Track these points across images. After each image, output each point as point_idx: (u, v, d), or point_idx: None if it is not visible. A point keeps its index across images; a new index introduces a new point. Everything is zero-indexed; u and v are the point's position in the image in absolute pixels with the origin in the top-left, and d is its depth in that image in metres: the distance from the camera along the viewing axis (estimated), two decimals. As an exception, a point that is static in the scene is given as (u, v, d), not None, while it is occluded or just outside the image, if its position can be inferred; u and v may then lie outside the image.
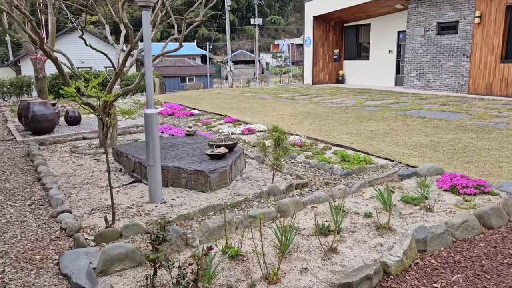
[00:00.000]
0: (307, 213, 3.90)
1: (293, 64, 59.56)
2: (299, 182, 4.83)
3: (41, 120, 8.40)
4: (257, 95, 15.76)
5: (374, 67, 17.86)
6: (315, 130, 8.12)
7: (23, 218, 4.20)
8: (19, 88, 19.01)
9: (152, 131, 4.27)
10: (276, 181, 5.02)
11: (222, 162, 5.02)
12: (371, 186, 4.58)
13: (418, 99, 12.13)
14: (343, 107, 11.25)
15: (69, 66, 7.32)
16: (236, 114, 10.71)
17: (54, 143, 7.78)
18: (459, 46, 13.54)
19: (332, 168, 5.40)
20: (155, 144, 4.30)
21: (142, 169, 5.28)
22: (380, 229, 3.42)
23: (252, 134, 8.21)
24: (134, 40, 6.17)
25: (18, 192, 5.04)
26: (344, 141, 7.05)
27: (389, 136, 7.30)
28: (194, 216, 4.03)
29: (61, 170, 5.90)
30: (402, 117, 9.12)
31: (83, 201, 4.62)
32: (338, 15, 17.94)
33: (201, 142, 6.13)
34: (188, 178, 4.84)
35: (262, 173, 5.42)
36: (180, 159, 5.23)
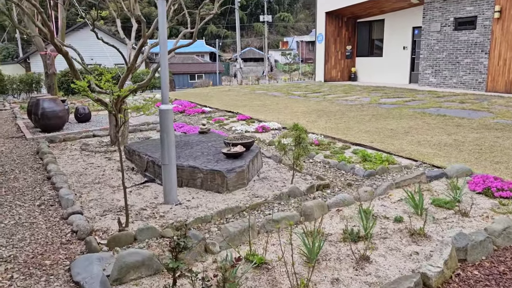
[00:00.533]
0: (332, 217, 3.65)
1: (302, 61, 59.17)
2: (320, 183, 4.59)
3: (51, 117, 8.23)
4: (269, 92, 15.50)
5: (387, 64, 17.50)
6: (332, 129, 7.86)
7: (33, 220, 4.01)
8: (28, 85, 18.96)
9: (167, 128, 4.05)
10: (295, 182, 4.78)
11: (239, 161, 4.79)
12: (398, 188, 4.32)
13: (435, 97, 11.79)
14: (358, 104, 10.95)
15: (79, 61, 7.14)
16: (249, 111, 10.47)
17: (64, 141, 7.61)
18: (477, 42, 13.15)
19: (354, 169, 5.15)
20: (170, 142, 4.08)
21: (155, 168, 5.07)
22: (414, 236, 3.16)
23: (267, 132, 7.97)
24: (147, 34, 5.95)
25: (28, 191, 4.86)
26: (362, 140, 6.78)
27: (410, 134, 7.02)
28: (212, 219, 3.81)
29: (71, 169, 5.71)
30: (421, 115, 8.82)
31: (95, 201, 4.42)
32: (351, 10, 17.60)
33: (216, 141, 5.91)
34: (203, 178, 4.62)
35: (280, 173, 5.18)
36: (195, 158, 5.01)
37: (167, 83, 4.05)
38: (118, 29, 7.87)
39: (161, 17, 3.91)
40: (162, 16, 3.91)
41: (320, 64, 19.10)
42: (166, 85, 4.04)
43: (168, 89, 4.06)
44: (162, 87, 4.04)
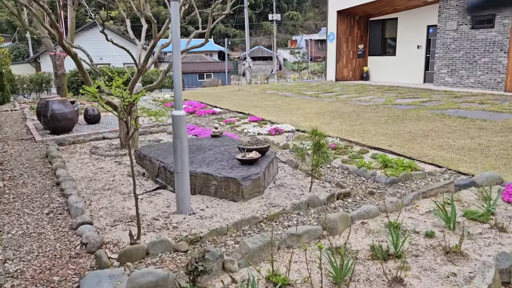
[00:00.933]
0: (357, 231, 3.41)
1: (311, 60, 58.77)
2: (341, 191, 4.35)
3: (60, 119, 8.09)
4: (279, 92, 15.26)
5: (401, 63, 17.14)
6: (347, 131, 7.60)
7: (41, 229, 3.83)
8: (38, 85, 18.93)
9: (180, 135, 3.84)
10: (314, 190, 4.55)
11: (254, 168, 4.57)
12: (425, 197, 4.06)
13: (452, 97, 11.45)
14: (372, 105, 10.67)
15: (88, 62, 6.97)
16: (260, 112, 10.25)
17: (74, 143, 7.46)
18: (495, 40, 12.77)
19: (375, 175, 4.90)
20: (183, 149, 3.87)
21: (167, 175, 4.87)
22: (450, 254, 2.91)
23: (280, 134, 7.74)
24: (158, 35, 5.76)
25: (36, 198, 4.69)
26: (381, 143, 6.52)
27: (430, 138, 6.74)
28: (228, 231, 3.59)
29: (81, 174, 5.54)
30: (439, 117, 8.52)
31: (105, 210, 4.23)
32: (363, 9, 17.27)
33: (229, 145, 5.69)
34: (217, 185, 4.41)
35: (297, 180, 4.95)
36: (208, 163, 4.80)
37: (180, 88, 3.84)
38: (127, 29, 7.70)
39: (174, 18, 3.70)
40: (175, 17, 3.70)
41: (332, 63, 18.79)
42: (179, 89, 3.83)
43: (181, 93, 3.85)
44: (175, 91, 3.83)
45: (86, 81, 6.09)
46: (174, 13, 3.69)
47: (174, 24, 3.71)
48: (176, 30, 3.72)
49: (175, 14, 3.69)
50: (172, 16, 3.70)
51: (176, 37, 3.73)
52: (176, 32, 3.72)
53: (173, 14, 3.69)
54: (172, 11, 3.69)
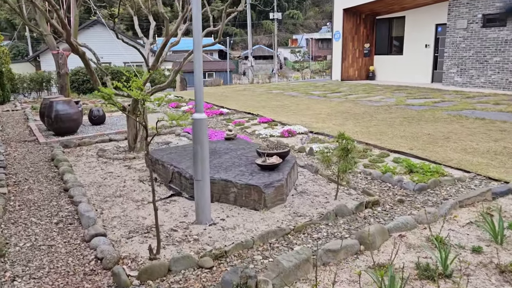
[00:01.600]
0: (396, 245, 3.15)
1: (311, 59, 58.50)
2: (369, 199, 4.08)
3: (65, 120, 7.81)
4: (285, 92, 14.99)
5: (408, 62, 16.87)
6: (363, 133, 7.34)
7: (50, 241, 3.56)
8: (39, 84, 18.62)
9: (201, 140, 3.57)
10: (339, 197, 4.28)
11: (276, 174, 4.31)
12: (461, 207, 3.80)
13: (465, 97, 11.19)
14: (384, 106, 10.41)
15: (95, 62, 6.71)
16: (269, 113, 9.97)
17: (79, 146, 7.18)
18: (507, 39, 12.51)
19: (401, 181, 4.63)
20: (204, 155, 3.60)
21: (182, 180, 4.60)
22: (506, 274, 2.65)
23: (293, 136, 7.47)
24: (171, 33, 5.49)
25: (43, 205, 4.42)
26: (401, 146, 6.25)
27: (452, 140, 6.48)
28: (254, 244, 3.32)
29: (89, 179, 5.27)
30: (457, 118, 8.25)
31: (118, 219, 3.96)
32: (370, 7, 16.99)
33: (245, 149, 5.42)
34: (238, 193, 4.14)
35: (320, 186, 4.68)
36: (226, 169, 4.53)
37: (202, 88, 3.57)
38: (135, 27, 7.43)
39: (196, 14, 3.42)
40: (196, 12, 3.42)
41: (337, 63, 18.52)
42: (200, 90, 3.56)
43: (202, 95, 3.59)
44: (197, 92, 3.56)
45: (94, 81, 5.83)
46: (195, 7, 3.41)
47: (196, 20, 3.43)
48: (198, 26, 3.44)
49: (197, 9, 3.42)
50: (194, 11, 3.42)
51: (197, 33, 3.46)
52: (198, 28, 3.45)
53: (194, 9, 3.42)
54: (194, 5, 3.41)
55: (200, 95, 3.57)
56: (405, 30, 17.00)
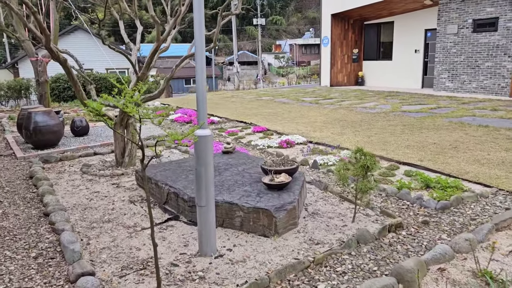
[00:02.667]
0: (437, 281, 2.72)
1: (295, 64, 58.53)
2: (392, 222, 3.66)
3: (45, 132, 7.21)
4: (275, 98, 14.59)
5: (397, 68, 16.71)
6: (365, 143, 6.96)
7: (28, 282, 3.02)
8: (17, 92, 17.76)
9: (206, 161, 3.10)
10: (356, 219, 3.85)
11: (286, 194, 3.85)
12: (497, 230, 3.41)
13: (460, 103, 10.98)
14: (380, 113, 10.09)
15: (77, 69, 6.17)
16: (262, 121, 9.54)
17: (61, 160, 6.59)
18: (499, 44, 12.40)
19: (421, 199, 4.23)
20: (209, 178, 3.12)
21: (179, 202, 4.11)
22: None
23: (292, 147, 7.04)
24: (162, 37, 5.00)
25: (20, 234, 3.86)
26: (409, 157, 5.88)
27: (461, 150, 6.14)
28: (271, 282, 2.85)
29: (73, 200, 4.71)
30: (459, 125, 7.96)
31: (108, 251, 3.44)
32: (359, 12, 16.79)
33: (246, 164, 4.96)
34: (244, 217, 3.67)
35: (332, 206, 4.25)
36: (229, 189, 4.06)
37: (205, 99, 3.10)
38: (121, 32, 6.91)
39: (198, 16, 2.96)
40: (199, 13, 2.96)
41: (326, 68, 18.24)
42: (203, 101, 3.09)
43: (205, 108, 3.11)
44: (199, 104, 3.09)
45: (77, 91, 5.30)
46: (198, 10, 2.95)
47: (198, 22, 2.97)
48: (201, 28, 2.98)
49: (199, 12, 2.96)
50: (196, 14, 2.96)
51: (200, 36, 2.99)
52: (201, 30, 2.98)
53: (196, 12, 2.95)
54: (196, 8, 2.95)
55: (203, 108, 3.10)
56: (394, 35, 16.85)
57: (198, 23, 2.96)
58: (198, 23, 2.96)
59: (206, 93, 3.11)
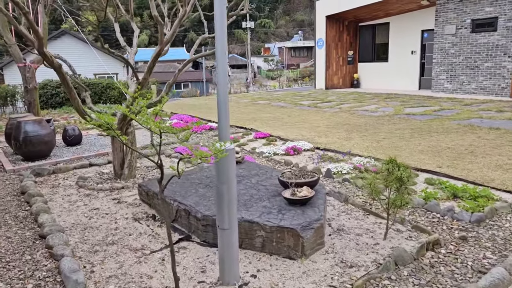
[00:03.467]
0: (500, 312, 2.39)
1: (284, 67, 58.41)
2: (429, 239, 3.33)
3: (36, 142, 6.75)
4: (272, 102, 14.26)
5: (394, 69, 16.52)
6: (376, 148, 6.65)
7: (26, 322, 2.61)
8: (3, 99, 17.13)
9: (228, 177, 2.73)
10: (388, 235, 3.52)
11: (310, 210, 3.50)
12: (548, 247, 3.10)
13: (463, 105, 10.77)
14: (384, 116, 9.82)
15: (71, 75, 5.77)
16: (263, 127, 9.19)
17: (54, 173, 6.15)
18: (498, 44, 12.26)
19: (452, 211, 3.92)
20: (232, 197, 2.76)
21: (190, 220, 3.73)
22: None
23: (299, 154, 6.70)
24: (166, 38, 4.62)
25: (13, 261, 3.43)
26: (425, 163, 5.59)
27: (479, 155, 5.87)
28: (308, 317, 2.50)
29: (71, 219, 4.30)
30: (469, 128, 7.71)
31: (115, 280, 3.04)
32: (354, 14, 16.58)
33: (259, 175, 4.60)
34: (266, 237, 3.31)
35: (357, 220, 3.91)
36: (245, 205, 3.69)
37: (227, 108, 2.74)
38: (117, 35, 6.51)
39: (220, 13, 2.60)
40: (220, 11, 2.60)
41: (321, 71, 17.99)
42: (225, 111, 2.73)
43: (228, 118, 2.75)
44: (221, 115, 2.72)
45: (73, 99, 4.89)
46: (219, 7, 2.59)
47: (220, 20, 2.61)
48: (222, 26, 2.62)
49: (221, 11, 2.60)
50: (217, 10, 2.60)
51: (221, 39, 2.63)
52: (222, 29, 2.62)
53: (217, 7, 2.59)
54: (217, 4, 2.59)
55: (225, 120, 2.73)
56: (390, 37, 16.67)
57: (220, 18, 2.60)
58: (219, 19, 2.60)
59: (228, 101, 2.75)
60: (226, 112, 2.73)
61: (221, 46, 2.66)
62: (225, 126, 2.74)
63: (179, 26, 6.04)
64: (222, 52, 2.68)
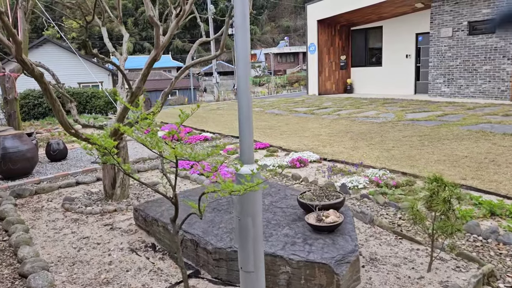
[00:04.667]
0: None
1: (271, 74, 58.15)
2: (483, 271, 2.85)
3: (16, 159, 6.12)
4: (266, 110, 13.77)
5: (388, 74, 16.21)
6: (388, 158, 6.19)
7: None
8: (-21, 111, 16.30)
9: (254, 208, 2.21)
10: (432, 266, 3.02)
11: (341, 238, 2.99)
12: None
13: (466, 109, 10.44)
14: (386, 122, 9.40)
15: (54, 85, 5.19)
16: (261, 136, 8.68)
17: (37, 193, 5.54)
18: (497, 47, 12.01)
19: (497, 232, 3.45)
20: (258, 233, 2.24)
21: (199, 253, 3.18)
22: None
23: (305, 166, 6.20)
24: (163, 43, 4.09)
25: (-13, 311, 2.85)
26: (446, 175, 5.13)
27: (502, 165, 5.45)
28: None
29: (57, 251, 3.71)
30: (481, 134, 7.32)
31: (113, 336, 2.48)
32: (346, 17, 16.26)
33: (271, 194, 4.08)
34: (292, 274, 2.78)
35: (389, 246, 3.41)
36: (263, 232, 3.15)
37: (251, 123, 2.23)
38: (105, 41, 5.96)
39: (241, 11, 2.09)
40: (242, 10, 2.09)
41: (313, 76, 17.59)
42: (249, 127, 2.22)
43: (252, 134, 2.24)
44: (243, 131, 2.21)
45: (57, 112, 4.31)
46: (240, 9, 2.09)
47: (241, 20, 2.10)
48: (245, 25, 2.11)
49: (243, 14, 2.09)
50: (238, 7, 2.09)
51: (244, 41, 2.13)
52: (245, 28, 2.12)
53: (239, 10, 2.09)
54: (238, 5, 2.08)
55: (248, 136, 2.22)
56: (383, 41, 16.38)
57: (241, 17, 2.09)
58: (241, 19, 2.09)
59: (252, 116, 2.24)
60: (249, 130, 2.23)
61: (243, 49, 2.15)
62: (249, 147, 2.23)
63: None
64: (244, 57, 2.17)
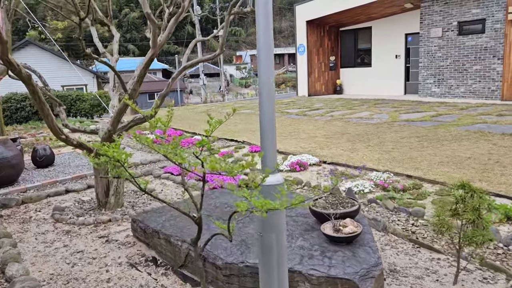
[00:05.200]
0: None
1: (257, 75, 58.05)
2: None
3: (0, 166, 5.76)
4: (256, 111, 13.55)
5: (377, 74, 16.18)
6: (389, 160, 6.04)
7: None
8: (-39, 115, 15.67)
9: (279, 224, 1.99)
10: (460, 280, 2.84)
11: (361, 250, 2.79)
12: None
13: (458, 109, 10.41)
14: (382, 123, 9.29)
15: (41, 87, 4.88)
16: (255, 138, 8.45)
17: (24, 203, 5.20)
18: (487, 47, 12.05)
19: (518, 239, 3.30)
20: (282, 250, 2.01)
21: (207, 268, 2.94)
22: None
23: (305, 169, 6.01)
24: (160, 42, 3.83)
25: None
26: (453, 177, 4.99)
27: (507, 165, 5.34)
28: None
29: (49, 268, 3.42)
30: (479, 135, 7.24)
31: None
32: (336, 18, 16.17)
33: (278, 201, 3.86)
34: (312, 290, 2.57)
35: (408, 256, 3.22)
36: (275, 245, 2.93)
37: (274, 129, 2.01)
38: (94, 41, 5.67)
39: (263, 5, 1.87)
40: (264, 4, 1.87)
41: (303, 78, 17.45)
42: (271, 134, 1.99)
43: (275, 143, 2.02)
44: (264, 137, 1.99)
45: (46, 116, 4.03)
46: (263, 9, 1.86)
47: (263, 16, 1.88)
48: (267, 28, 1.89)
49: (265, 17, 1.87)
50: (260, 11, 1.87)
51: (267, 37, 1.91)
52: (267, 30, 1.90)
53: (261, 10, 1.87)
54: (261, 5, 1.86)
55: (271, 144, 2.00)
56: (373, 41, 16.35)
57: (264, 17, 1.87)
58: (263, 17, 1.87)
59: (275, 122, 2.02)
60: (272, 138, 2.00)
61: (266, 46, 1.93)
62: (273, 155, 2.00)
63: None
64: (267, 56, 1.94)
